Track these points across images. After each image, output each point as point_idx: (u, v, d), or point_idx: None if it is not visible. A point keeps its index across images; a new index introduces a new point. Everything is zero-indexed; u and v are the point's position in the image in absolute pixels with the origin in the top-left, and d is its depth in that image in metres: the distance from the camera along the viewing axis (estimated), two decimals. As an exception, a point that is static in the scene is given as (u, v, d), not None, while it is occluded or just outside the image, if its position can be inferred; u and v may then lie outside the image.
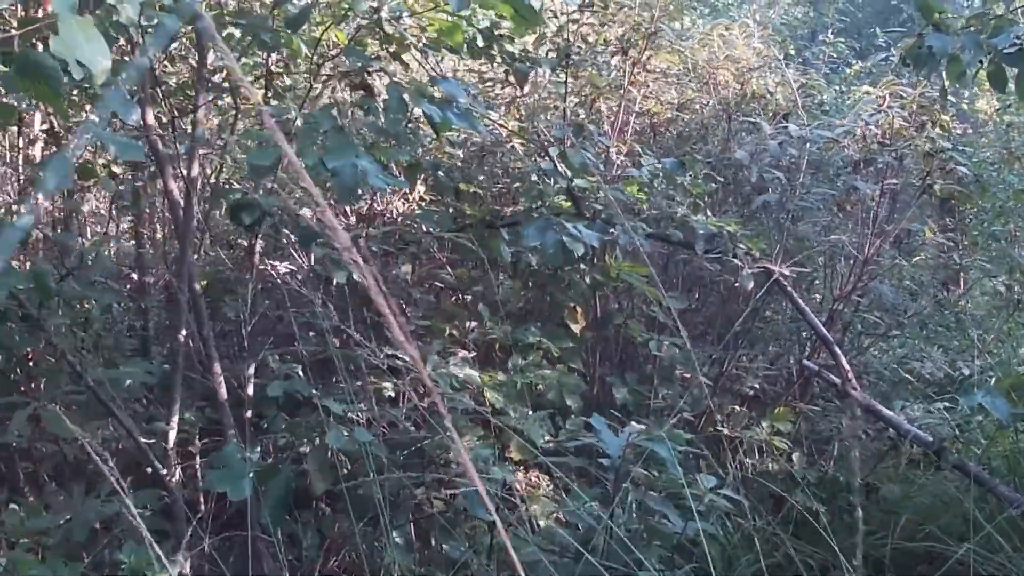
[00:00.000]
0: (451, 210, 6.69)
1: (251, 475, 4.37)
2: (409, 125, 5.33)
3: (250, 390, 5.66)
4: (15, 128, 6.27)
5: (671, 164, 6.46)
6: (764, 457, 7.13)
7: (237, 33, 5.24)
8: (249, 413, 5.61)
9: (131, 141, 3.13)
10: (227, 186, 6.48)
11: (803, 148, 6.96)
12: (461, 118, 4.24)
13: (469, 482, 4.85)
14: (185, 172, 5.01)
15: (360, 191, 3.95)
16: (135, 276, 6.90)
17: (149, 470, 5.13)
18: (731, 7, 17.00)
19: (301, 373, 5.60)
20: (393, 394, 5.44)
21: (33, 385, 5.54)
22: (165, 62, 6.35)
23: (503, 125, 6.73)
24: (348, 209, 7.12)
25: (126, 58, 4.94)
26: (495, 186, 7.15)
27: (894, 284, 8.04)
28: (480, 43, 5.53)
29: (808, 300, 7.55)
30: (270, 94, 5.89)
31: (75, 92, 5.43)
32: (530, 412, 5.53)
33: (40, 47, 3.33)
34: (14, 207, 6.33)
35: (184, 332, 5.25)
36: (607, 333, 7.43)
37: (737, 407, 7.08)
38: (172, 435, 5.29)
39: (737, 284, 6.28)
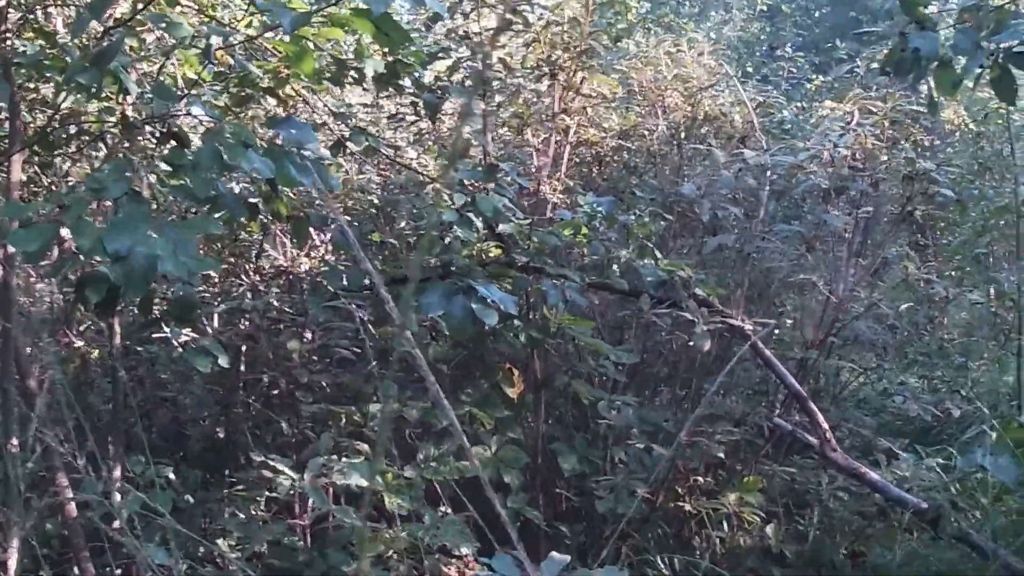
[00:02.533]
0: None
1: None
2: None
3: (116, 498, 4.71)
4: None
5: (606, 203, 5.55)
6: (735, 531, 6.25)
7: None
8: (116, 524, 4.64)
9: None
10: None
11: (763, 177, 6.04)
12: (305, 172, 3.26)
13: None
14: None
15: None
16: None
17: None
18: (686, 25, 16.15)
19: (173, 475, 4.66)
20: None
21: None
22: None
23: (405, 165, 5.80)
24: (248, 267, 6.21)
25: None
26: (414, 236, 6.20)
27: (871, 321, 7.14)
28: (376, 70, 4.63)
29: (777, 349, 6.66)
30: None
31: None
32: (448, 512, 4.60)
33: None
34: None
35: (14, 439, 4.27)
36: (549, 396, 6.51)
37: (700, 477, 6.16)
38: (12, 563, 4.32)
39: (691, 343, 5.36)
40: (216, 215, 3.80)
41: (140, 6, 4.27)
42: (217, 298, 5.98)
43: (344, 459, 4.46)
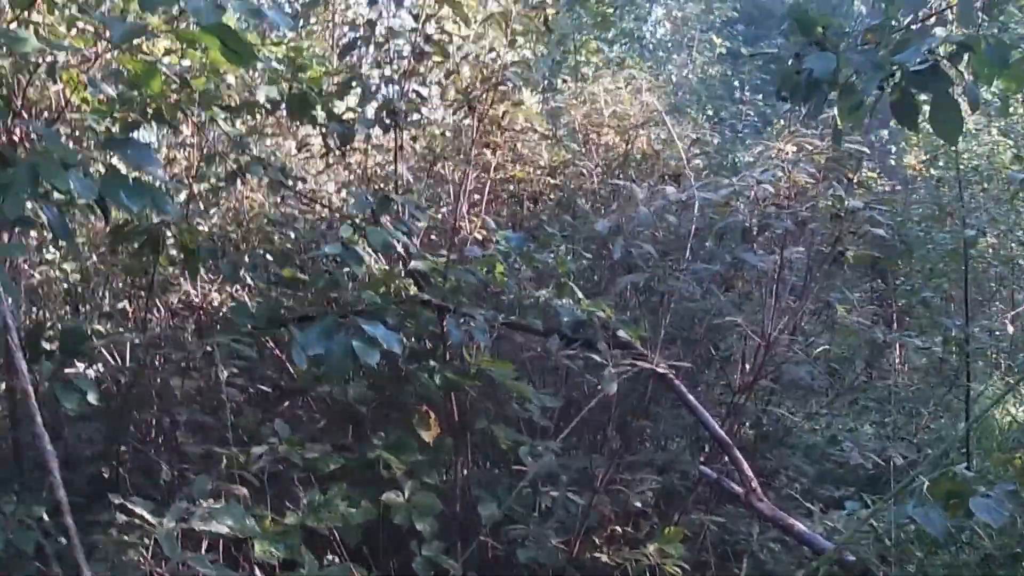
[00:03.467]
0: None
1: None
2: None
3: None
4: None
5: (516, 239, 5.35)
6: (659, 584, 6.01)
7: None
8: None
9: None
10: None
11: (683, 215, 5.83)
12: (135, 196, 3.01)
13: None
14: None
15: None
16: None
17: None
18: (647, 67, 16.11)
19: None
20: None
21: None
22: None
23: (310, 198, 5.60)
24: (159, 301, 5.98)
25: None
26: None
27: (810, 365, 6.93)
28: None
29: (703, 393, 6.45)
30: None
31: None
32: (336, 560, 4.36)
33: None
34: None
35: None
36: (471, 440, 6.27)
37: (620, 527, 5.92)
38: None
39: (599, 387, 5.14)
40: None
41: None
42: (131, 333, 5.75)
43: (212, 503, 4.22)
